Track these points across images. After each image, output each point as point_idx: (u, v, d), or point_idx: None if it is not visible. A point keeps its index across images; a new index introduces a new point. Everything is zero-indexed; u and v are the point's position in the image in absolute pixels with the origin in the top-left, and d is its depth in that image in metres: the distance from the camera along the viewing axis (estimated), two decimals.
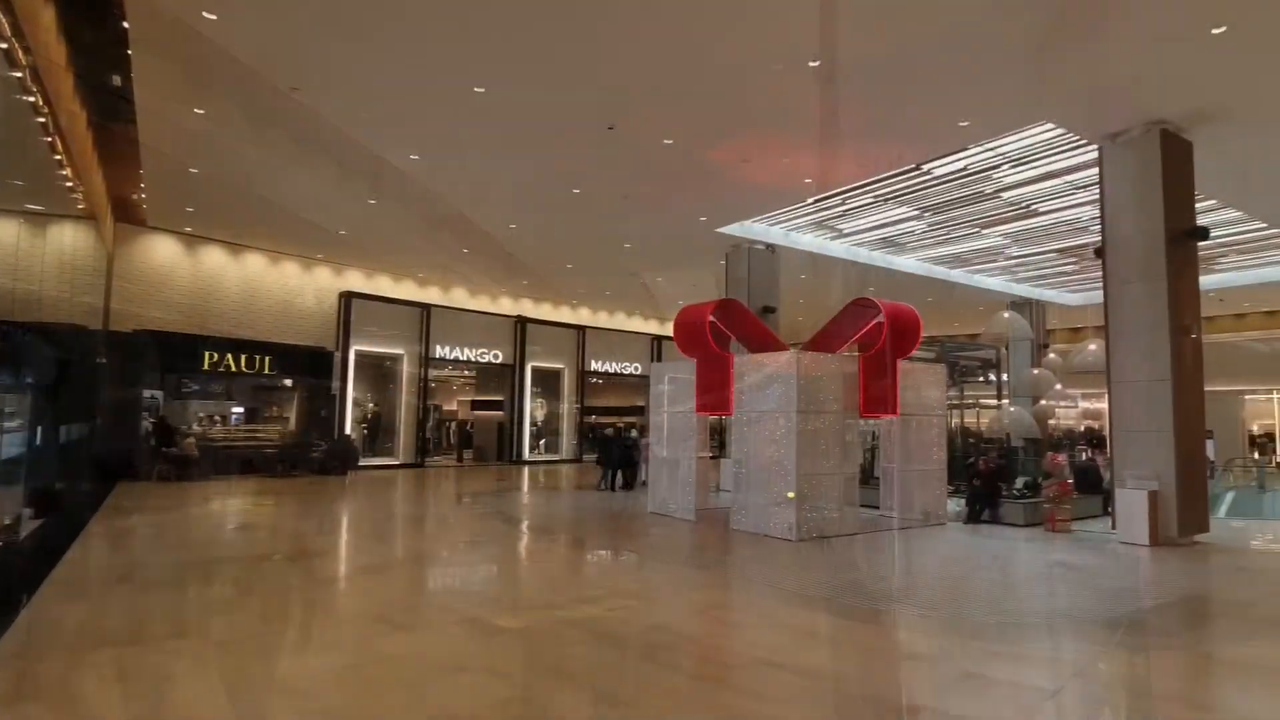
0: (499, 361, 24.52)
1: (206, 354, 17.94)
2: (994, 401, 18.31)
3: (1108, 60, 8.62)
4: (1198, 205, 11.31)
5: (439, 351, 22.89)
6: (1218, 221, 14.52)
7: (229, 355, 18.26)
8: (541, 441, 26.94)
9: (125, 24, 8.21)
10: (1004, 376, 18.96)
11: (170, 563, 8.21)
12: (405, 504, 14.37)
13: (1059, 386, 18.55)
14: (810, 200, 14.21)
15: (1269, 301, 23.66)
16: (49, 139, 10.20)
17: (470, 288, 23.75)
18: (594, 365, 27.18)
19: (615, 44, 8.34)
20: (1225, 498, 15.07)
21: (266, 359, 18.96)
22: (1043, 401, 18.60)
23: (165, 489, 14.67)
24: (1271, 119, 10.04)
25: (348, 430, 20.28)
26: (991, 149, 11.61)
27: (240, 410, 20.13)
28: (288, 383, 20.45)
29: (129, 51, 8.76)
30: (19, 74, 8.36)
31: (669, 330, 12.91)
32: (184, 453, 16.22)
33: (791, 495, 10.12)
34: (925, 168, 12.46)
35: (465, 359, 23.74)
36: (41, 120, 9.61)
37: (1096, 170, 11.08)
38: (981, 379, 18.04)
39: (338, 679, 4.63)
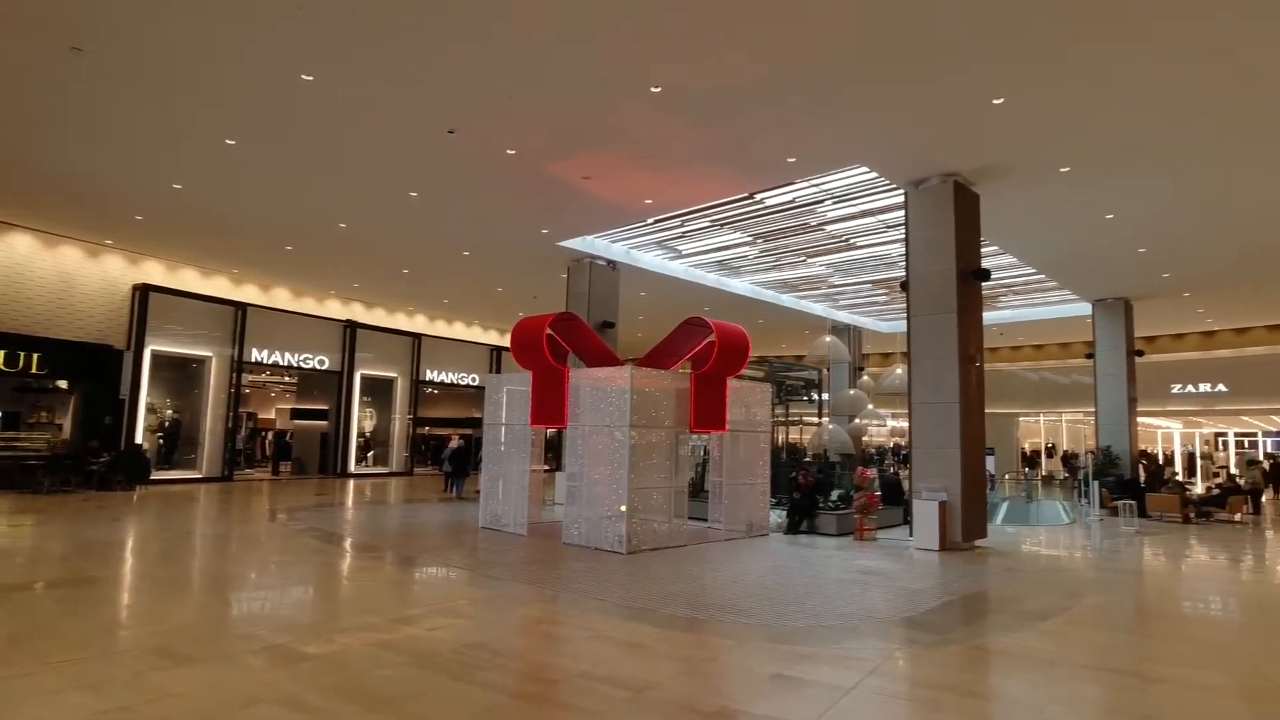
0: (325, 368, 22.99)
1: None
2: (816, 419, 19.66)
3: (910, 117, 9.60)
4: (983, 250, 12.84)
5: (255, 355, 21.08)
6: (999, 265, 16.58)
7: None
8: (370, 454, 25.52)
9: None
10: (825, 396, 20.42)
11: None
12: (205, 521, 12.96)
13: (871, 406, 20.24)
14: (650, 220, 14.59)
15: (1038, 336, 27.42)
16: None
17: (294, 288, 22.06)
18: (430, 375, 26.20)
19: (457, 47, 8.10)
20: (1001, 507, 17.01)
21: (34, 356, 16.47)
22: (857, 420, 20.21)
23: None
24: (1039, 179, 11.61)
25: (139, 439, 18.05)
26: (817, 185, 12.53)
27: None
28: (62, 384, 17.84)
29: None
30: None
31: (509, 341, 12.70)
32: None
33: (624, 509, 10.24)
34: (758, 197, 13.21)
35: (286, 364, 22.02)
36: None
37: (903, 212, 12.29)
38: (805, 398, 19.29)
39: None
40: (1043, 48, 7.84)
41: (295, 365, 22.35)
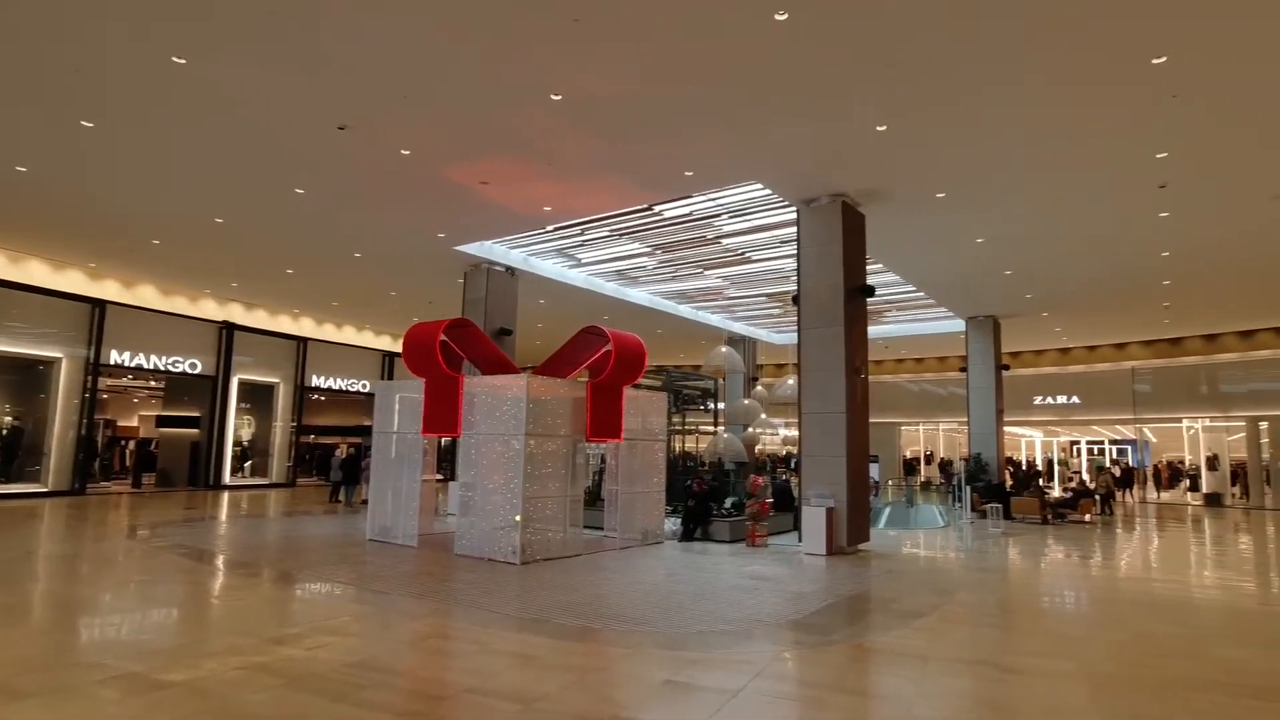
0: (197, 372, 21.46)
1: None
2: (711, 428, 20.06)
3: (800, 139, 10.01)
4: (869, 267, 13.52)
5: (115, 357, 19.42)
6: (883, 282, 17.51)
7: None
8: (247, 464, 24.00)
9: None
10: (720, 405, 20.88)
11: None
12: (50, 539, 11.77)
13: (764, 415, 20.84)
14: (550, 228, 14.51)
15: (919, 350, 29.12)
16: None
17: (162, 285, 20.44)
18: (316, 380, 24.96)
19: (347, 40, 7.77)
20: (884, 512, 17.90)
21: None
22: (751, 429, 20.77)
23: None
24: (918, 202, 12.35)
25: None
26: (713, 199, 12.84)
27: None
28: None
29: None
30: None
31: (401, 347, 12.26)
32: None
33: (519, 518, 10.09)
34: (656, 209, 13.39)
35: (152, 367, 20.41)
36: None
37: (796, 229, 12.78)
38: (701, 407, 19.65)
39: None
40: (922, 82, 8.36)
41: (163, 369, 20.74)
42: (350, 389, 26.20)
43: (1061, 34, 7.41)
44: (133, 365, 20.02)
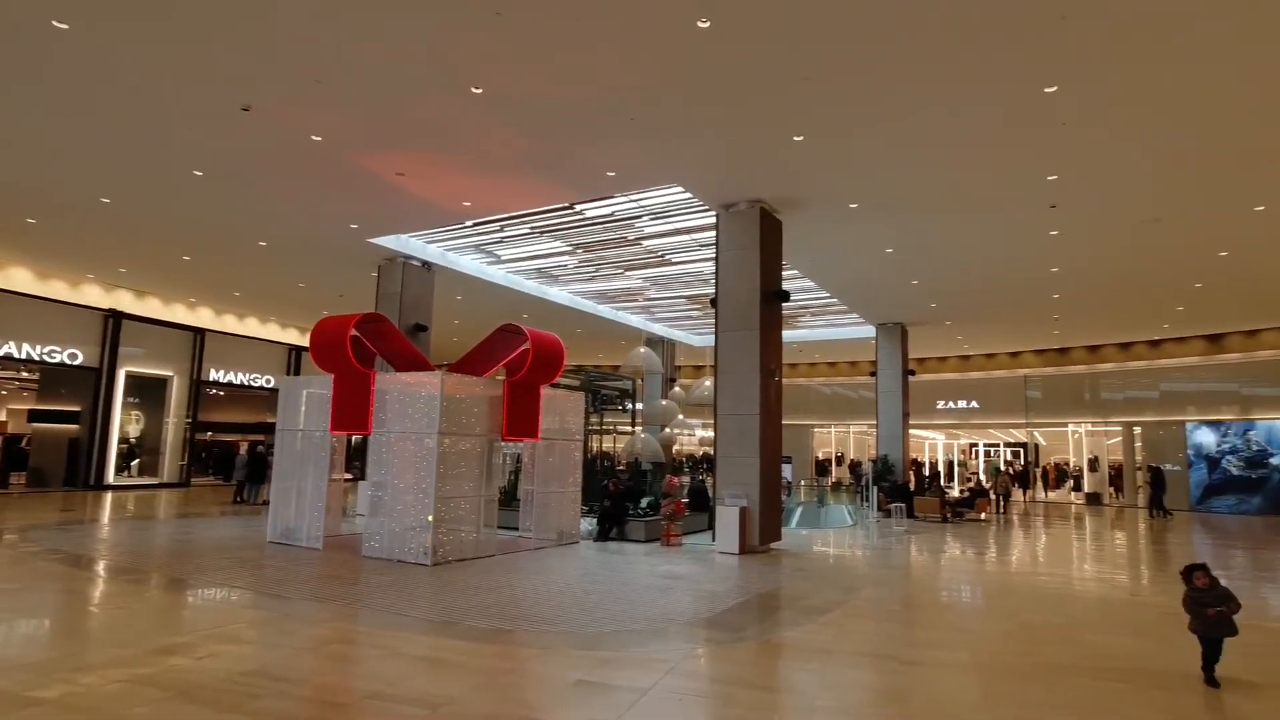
0: (77, 363, 19.94)
1: None
2: (629, 428, 20.14)
3: (721, 145, 10.18)
4: (785, 272, 13.86)
5: None
6: (799, 288, 18.01)
7: None
8: (135, 462, 22.48)
9: None
10: (638, 405, 20.98)
11: None
12: None
13: (682, 416, 21.08)
14: (469, 223, 14.22)
15: (831, 355, 30.10)
16: None
17: (38, 268, 18.87)
18: (215, 375, 23.63)
19: (255, 11, 7.38)
20: (796, 511, 18.44)
21: None
22: (668, 429, 20.96)
23: None
24: (832, 211, 12.76)
25: None
26: (635, 200, 12.89)
27: None
28: None
29: None
30: None
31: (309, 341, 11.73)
32: None
33: (431, 519, 9.84)
34: (578, 208, 13.33)
35: (24, 357, 18.85)
36: None
37: (715, 232, 12.97)
38: (619, 407, 19.70)
39: None
40: (835, 96, 8.65)
41: (36, 359, 19.15)
42: (253, 384, 24.93)
43: (963, 64, 7.82)
44: (0, 354, 18.40)
